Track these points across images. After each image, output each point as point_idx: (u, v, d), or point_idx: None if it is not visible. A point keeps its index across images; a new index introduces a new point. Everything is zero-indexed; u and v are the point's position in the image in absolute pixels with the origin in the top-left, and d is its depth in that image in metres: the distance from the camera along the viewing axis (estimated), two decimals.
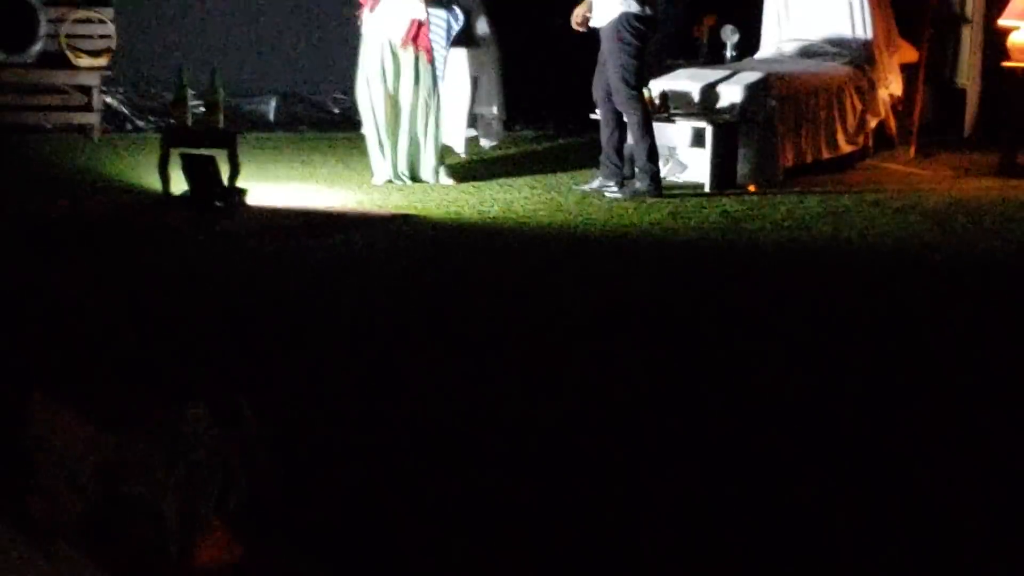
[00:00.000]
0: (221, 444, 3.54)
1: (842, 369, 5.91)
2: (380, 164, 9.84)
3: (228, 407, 3.66)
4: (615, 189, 9.54)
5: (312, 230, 8.35)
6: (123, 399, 3.68)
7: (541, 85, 12.07)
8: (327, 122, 12.43)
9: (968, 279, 7.59)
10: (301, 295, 6.94)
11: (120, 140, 11.36)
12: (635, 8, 9.33)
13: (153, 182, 9.13)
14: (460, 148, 10.98)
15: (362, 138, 10.06)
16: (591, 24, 9.53)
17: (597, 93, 9.65)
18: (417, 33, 9.65)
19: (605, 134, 9.66)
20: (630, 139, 9.56)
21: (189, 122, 9.12)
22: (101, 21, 11.52)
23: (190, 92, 9.07)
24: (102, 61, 11.36)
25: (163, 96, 11.40)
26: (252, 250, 7.90)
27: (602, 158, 9.71)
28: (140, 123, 11.86)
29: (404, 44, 9.64)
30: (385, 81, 9.70)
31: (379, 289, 7.12)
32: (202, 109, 9.47)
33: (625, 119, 9.50)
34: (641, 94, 9.47)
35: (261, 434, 3.78)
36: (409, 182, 9.78)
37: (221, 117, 9.07)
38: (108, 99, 11.70)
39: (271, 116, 12.37)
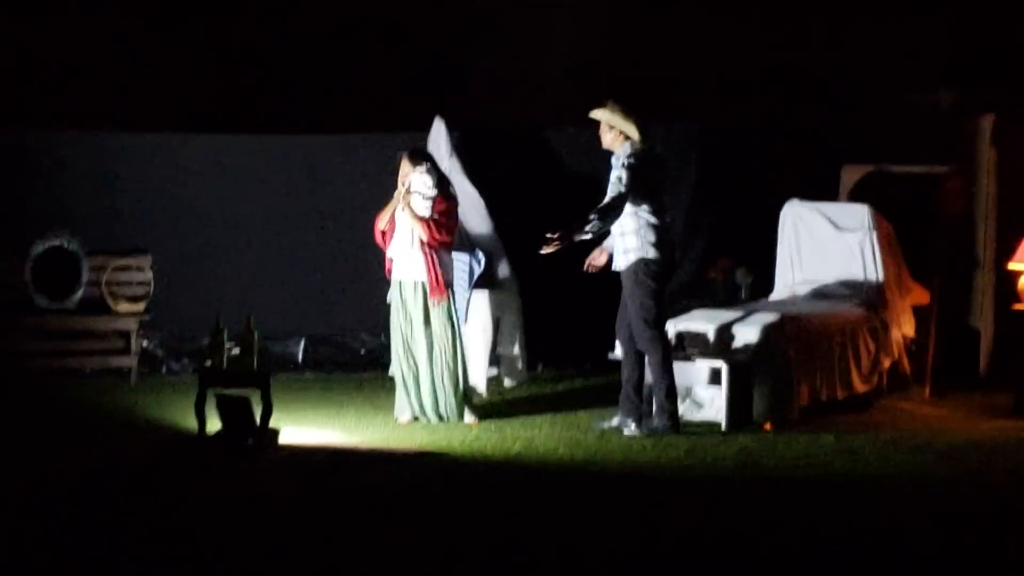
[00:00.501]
0: None
1: None
2: (404, 403, 10.12)
3: None
4: (634, 427, 9.77)
5: (339, 469, 8.61)
6: None
7: (561, 326, 12.34)
8: (354, 363, 12.58)
9: (983, 520, 7.68)
10: (327, 533, 7.16)
11: (156, 383, 11.63)
12: (652, 254, 9.69)
13: (188, 422, 9.41)
14: (482, 387, 11.21)
15: (387, 377, 10.37)
16: (613, 268, 9.89)
17: (620, 333, 9.94)
18: (436, 280, 9.98)
19: (626, 372, 9.92)
20: (649, 377, 9.82)
21: (225, 365, 9.44)
22: (140, 269, 11.93)
23: (225, 335, 9.42)
24: (140, 307, 11.74)
25: (198, 339, 11.71)
26: (282, 488, 8.17)
27: (622, 396, 9.93)
28: (175, 366, 12.14)
29: (431, 293, 9.97)
30: (402, 323, 10.06)
31: (402, 526, 7.32)
32: (236, 351, 9.78)
33: (646, 358, 9.79)
34: (662, 334, 9.76)
35: None
36: (433, 420, 10.05)
37: (255, 359, 9.41)
38: (145, 343, 12.03)
39: (299, 357, 12.61)
